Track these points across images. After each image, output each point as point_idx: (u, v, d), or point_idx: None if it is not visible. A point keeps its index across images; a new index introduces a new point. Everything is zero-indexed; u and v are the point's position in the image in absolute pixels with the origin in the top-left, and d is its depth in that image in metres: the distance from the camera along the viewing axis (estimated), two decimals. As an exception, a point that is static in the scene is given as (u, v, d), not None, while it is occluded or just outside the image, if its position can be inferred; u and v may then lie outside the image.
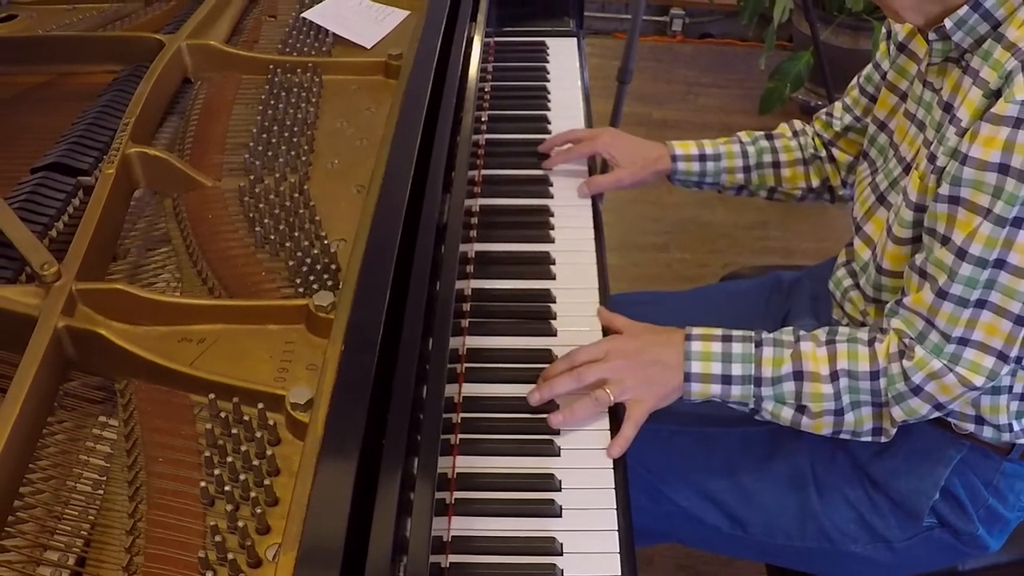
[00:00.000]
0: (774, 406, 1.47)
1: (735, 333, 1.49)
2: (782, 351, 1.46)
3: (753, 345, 1.47)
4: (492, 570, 1.25)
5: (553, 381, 1.46)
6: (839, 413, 1.44)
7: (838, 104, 1.84)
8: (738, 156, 1.91)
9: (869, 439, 1.47)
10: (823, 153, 1.89)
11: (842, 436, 1.48)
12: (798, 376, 1.44)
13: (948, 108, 1.39)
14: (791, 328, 1.50)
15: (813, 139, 1.90)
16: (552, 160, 1.99)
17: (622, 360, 1.47)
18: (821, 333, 1.48)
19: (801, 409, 1.46)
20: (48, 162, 1.56)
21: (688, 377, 1.47)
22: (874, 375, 1.41)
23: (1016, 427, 1.50)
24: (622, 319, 1.58)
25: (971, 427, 1.51)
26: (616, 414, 1.47)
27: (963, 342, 1.34)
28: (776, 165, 1.92)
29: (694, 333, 1.50)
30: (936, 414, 1.43)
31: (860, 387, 1.42)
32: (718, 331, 1.50)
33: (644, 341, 1.51)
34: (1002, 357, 1.34)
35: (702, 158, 1.92)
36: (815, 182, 1.91)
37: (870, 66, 1.74)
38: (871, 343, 1.43)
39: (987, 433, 1.51)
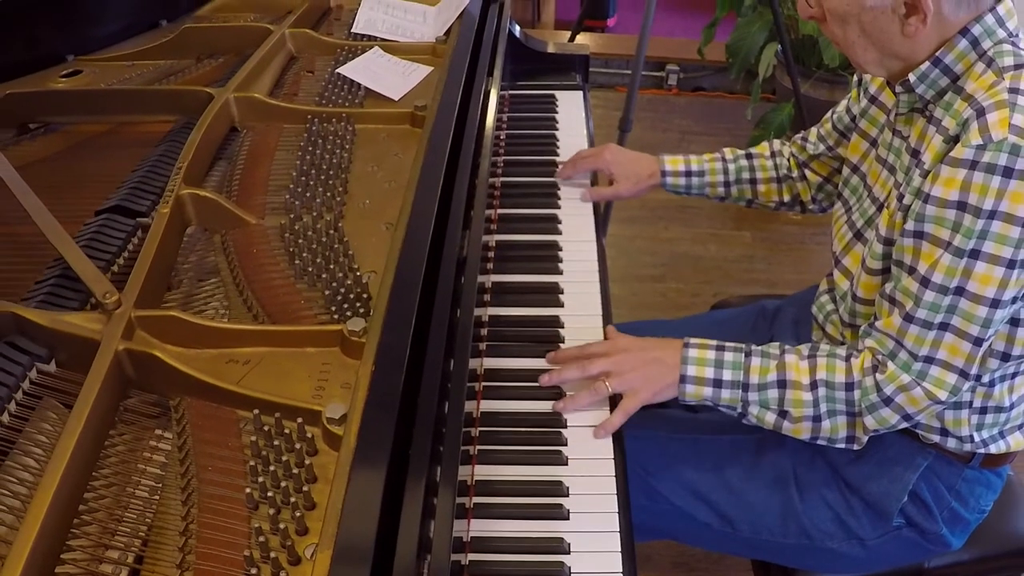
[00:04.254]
0: (759, 411, 1.48)
1: (728, 344, 1.51)
2: (769, 361, 1.48)
3: (743, 355, 1.49)
4: (507, 567, 1.25)
5: (562, 371, 1.50)
6: (817, 419, 1.45)
7: (813, 131, 1.87)
8: (720, 172, 1.96)
9: (843, 446, 1.48)
10: (796, 173, 1.91)
11: (819, 442, 1.49)
12: (781, 384, 1.46)
13: (915, 154, 1.40)
14: (778, 343, 1.52)
15: (788, 159, 1.93)
16: (561, 171, 2.06)
17: (624, 355, 1.50)
18: (804, 348, 1.49)
19: (783, 414, 1.47)
20: (111, 205, 1.58)
21: (683, 379, 1.49)
22: (849, 386, 1.42)
23: (976, 438, 1.51)
24: (629, 337, 1.61)
25: (936, 438, 1.52)
26: (618, 428, 1.47)
27: (928, 360, 1.36)
28: (753, 182, 1.96)
29: (692, 342, 1.52)
30: (904, 424, 1.44)
31: (836, 396, 1.43)
32: (713, 342, 1.52)
33: (647, 343, 1.53)
34: (963, 375, 1.35)
35: (688, 174, 1.97)
36: (786, 197, 1.95)
37: (843, 107, 1.77)
38: (848, 358, 1.45)
39: (951, 443, 1.52)
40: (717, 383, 1.48)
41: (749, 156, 1.97)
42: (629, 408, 1.47)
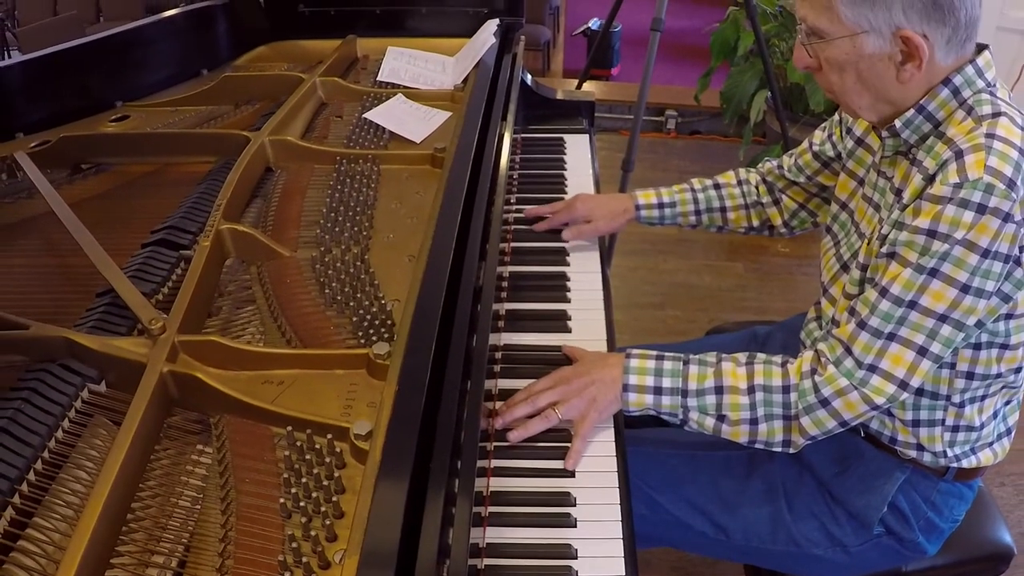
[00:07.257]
0: (699, 416, 1.47)
1: (668, 354, 1.51)
2: (706, 369, 1.48)
3: (682, 363, 1.49)
4: (519, 571, 1.26)
5: (513, 409, 1.48)
6: (754, 423, 1.45)
7: (787, 160, 1.87)
8: (690, 203, 1.96)
9: (779, 450, 1.48)
10: (765, 199, 1.92)
11: (757, 446, 1.48)
12: (719, 390, 1.45)
13: (898, 193, 1.41)
14: (715, 352, 1.52)
15: (756, 187, 1.93)
16: (539, 226, 2.01)
17: (565, 386, 1.49)
18: (741, 356, 1.49)
19: (721, 418, 1.46)
20: (156, 238, 1.59)
21: (626, 388, 1.48)
22: (786, 389, 1.43)
23: (949, 453, 1.51)
24: (579, 351, 1.60)
25: (913, 453, 1.53)
26: (621, 445, 1.47)
27: (872, 369, 1.36)
28: (723, 210, 1.97)
29: (633, 352, 1.52)
30: (840, 430, 1.43)
31: (773, 400, 1.43)
32: (653, 352, 1.52)
33: (587, 368, 1.52)
34: (903, 386, 1.35)
35: (660, 206, 1.97)
36: (755, 222, 1.96)
37: (820, 138, 1.77)
38: (784, 364, 1.45)
39: (926, 458, 1.52)
40: (657, 390, 1.48)
41: (717, 186, 1.97)
42: (583, 432, 1.45)
